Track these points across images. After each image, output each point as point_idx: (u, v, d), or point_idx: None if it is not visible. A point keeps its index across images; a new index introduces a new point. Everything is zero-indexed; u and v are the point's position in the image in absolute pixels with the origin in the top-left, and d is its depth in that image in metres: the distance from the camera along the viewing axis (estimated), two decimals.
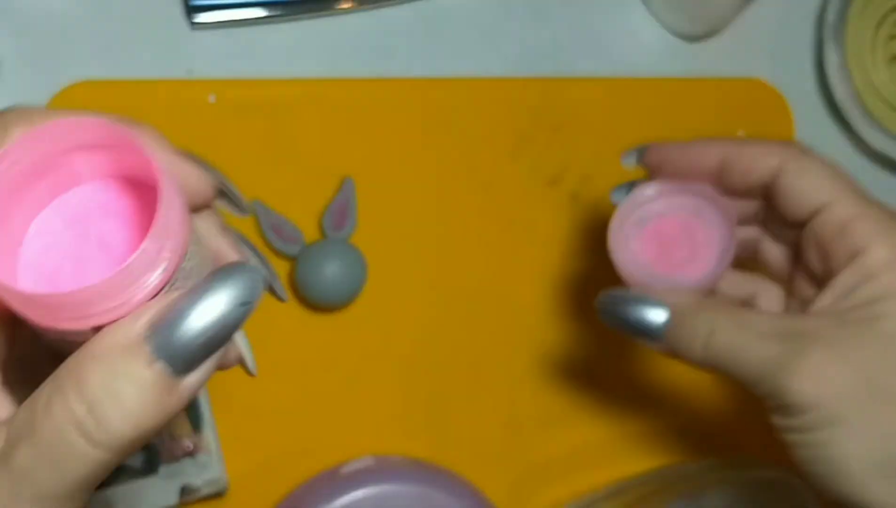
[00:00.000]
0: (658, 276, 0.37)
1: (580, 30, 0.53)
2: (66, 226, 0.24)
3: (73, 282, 0.24)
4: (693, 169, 0.37)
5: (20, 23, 0.45)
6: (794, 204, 0.34)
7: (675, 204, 0.38)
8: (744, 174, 0.35)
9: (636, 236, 0.38)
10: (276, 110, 0.47)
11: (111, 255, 0.24)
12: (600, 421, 0.50)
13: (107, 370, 0.21)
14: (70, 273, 0.24)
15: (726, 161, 0.35)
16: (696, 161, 0.36)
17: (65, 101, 0.44)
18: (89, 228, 0.25)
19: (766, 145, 0.35)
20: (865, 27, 0.55)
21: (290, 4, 0.47)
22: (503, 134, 0.50)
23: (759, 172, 0.35)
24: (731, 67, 0.56)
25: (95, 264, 0.24)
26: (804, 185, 0.34)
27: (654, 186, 0.38)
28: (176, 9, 0.47)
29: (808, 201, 0.34)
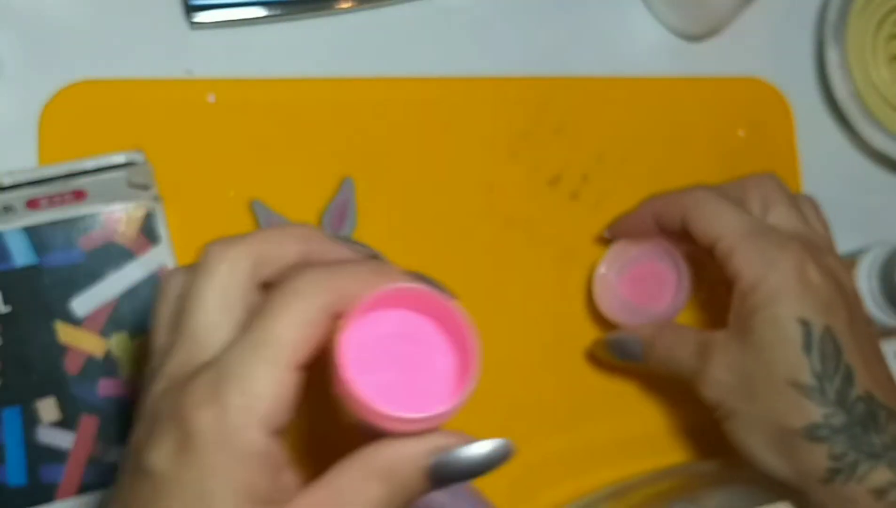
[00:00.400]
0: (636, 308, 0.48)
1: (580, 30, 0.53)
2: (379, 345, 0.29)
3: (404, 398, 0.29)
4: (640, 229, 0.47)
5: (20, 22, 0.45)
6: (698, 240, 0.43)
7: (644, 254, 0.48)
8: (668, 224, 0.45)
9: (619, 280, 0.49)
10: (276, 110, 0.47)
11: (423, 374, 0.30)
12: (600, 422, 0.50)
13: (397, 474, 0.27)
14: (398, 390, 0.29)
15: (655, 216, 0.46)
16: (639, 224, 0.47)
17: (64, 100, 0.44)
18: (399, 347, 0.30)
19: (675, 198, 0.45)
20: (866, 27, 0.55)
21: (289, 4, 0.47)
22: (503, 134, 0.50)
23: (674, 220, 0.44)
24: (732, 66, 0.56)
25: (414, 383, 0.30)
26: (697, 228, 0.42)
27: (625, 245, 0.49)
28: (175, 8, 0.46)
29: (703, 239, 0.42)
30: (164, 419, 0.26)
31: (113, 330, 0.42)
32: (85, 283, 0.42)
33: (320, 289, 0.27)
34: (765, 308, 0.40)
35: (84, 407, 0.41)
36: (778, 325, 0.40)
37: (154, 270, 0.43)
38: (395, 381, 0.30)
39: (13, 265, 0.41)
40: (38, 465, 0.41)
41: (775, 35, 0.57)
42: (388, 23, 0.50)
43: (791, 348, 0.40)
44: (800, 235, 0.43)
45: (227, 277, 0.27)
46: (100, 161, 0.41)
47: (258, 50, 0.47)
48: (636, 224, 0.47)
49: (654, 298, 0.48)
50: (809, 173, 0.56)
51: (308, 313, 0.27)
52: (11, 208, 0.41)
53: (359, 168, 0.47)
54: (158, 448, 0.26)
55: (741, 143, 0.55)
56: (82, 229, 0.42)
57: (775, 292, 0.40)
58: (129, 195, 0.42)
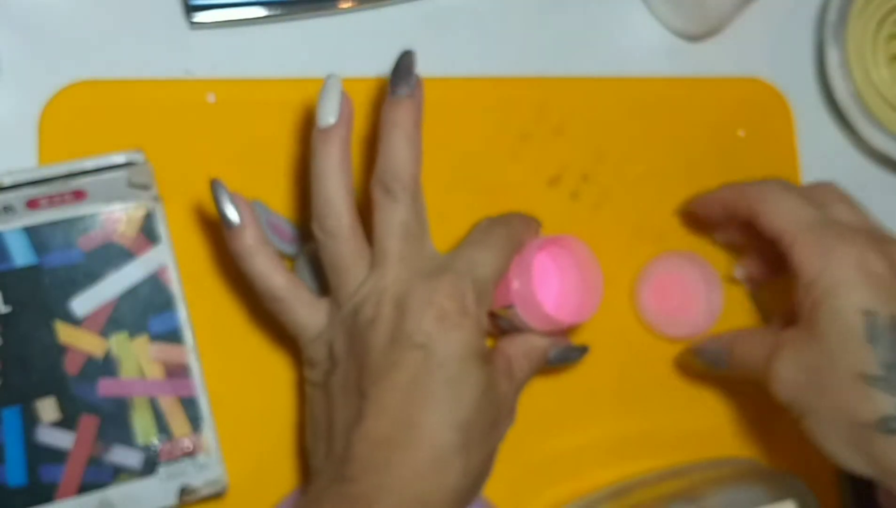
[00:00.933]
0: (659, 317, 0.50)
1: (581, 30, 0.53)
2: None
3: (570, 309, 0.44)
4: (710, 213, 0.49)
5: (19, 22, 0.45)
6: (764, 232, 0.43)
7: (671, 265, 0.51)
8: (737, 213, 0.46)
9: (644, 288, 0.51)
10: (276, 110, 0.47)
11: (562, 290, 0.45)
12: (600, 422, 0.50)
13: (536, 357, 0.42)
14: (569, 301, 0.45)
15: (724, 205, 0.47)
16: (708, 210, 0.49)
17: (64, 100, 0.44)
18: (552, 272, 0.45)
19: (744, 188, 0.45)
20: (866, 27, 0.55)
21: (289, 4, 0.47)
22: (504, 134, 0.50)
23: (742, 211, 0.45)
24: (732, 66, 0.56)
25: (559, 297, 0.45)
26: (764, 220, 0.43)
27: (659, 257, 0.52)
28: (175, 8, 0.47)
29: (768, 230, 0.43)
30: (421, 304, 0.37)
31: (113, 330, 0.42)
32: (85, 283, 0.42)
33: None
34: (826, 301, 0.39)
35: (84, 407, 0.41)
36: (840, 317, 0.39)
37: (154, 270, 0.43)
38: (554, 293, 0.45)
39: (13, 265, 0.41)
40: (37, 465, 0.40)
41: (775, 35, 0.57)
42: (388, 23, 0.50)
43: (855, 339, 0.39)
44: (862, 227, 0.42)
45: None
46: (100, 161, 0.41)
47: (258, 50, 0.47)
48: (705, 208, 0.48)
49: (682, 308, 0.51)
50: (809, 173, 0.56)
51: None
52: (11, 207, 0.41)
53: (358, 169, 0.47)
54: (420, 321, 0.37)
55: (741, 143, 0.55)
56: (82, 229, 0.42)
57: (836, 284, 0.39)
58: (129, 195, 0.42)
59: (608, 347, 0.51)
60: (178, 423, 0.42)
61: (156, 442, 0.42)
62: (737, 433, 0.52)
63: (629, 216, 0.52)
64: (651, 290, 0.51)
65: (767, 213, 0.43)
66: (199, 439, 0.42)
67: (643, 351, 0.51)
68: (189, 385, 0.42)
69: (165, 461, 0.42)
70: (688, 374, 0.51)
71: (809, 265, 0.40)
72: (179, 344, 0.43)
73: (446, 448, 0.35)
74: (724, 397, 0.52)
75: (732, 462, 0.50)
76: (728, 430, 0.52)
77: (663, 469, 0.50)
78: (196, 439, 0.42)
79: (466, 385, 0.36)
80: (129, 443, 0.41)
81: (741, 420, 0.52)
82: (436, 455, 0.35)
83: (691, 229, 0.53)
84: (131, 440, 0.41)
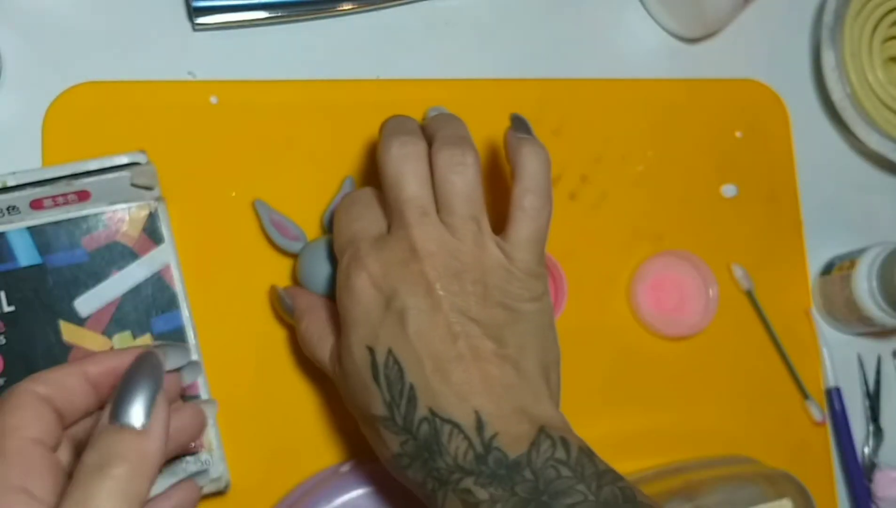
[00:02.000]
0: (656, 316, 0.51)
1: (579, 32, 0.54)
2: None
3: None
4: None
5: (24, 24, 0.45)
6: None
7: (665, 264, 0.52)
8: None
9: (640, 288, 0.51)
10: (278, 111, 0.47)
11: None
12: (598, 420, 0.50)
13: None
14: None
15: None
16: None
17: (68, 102, 0.44)
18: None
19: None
20: (862, 29, 0.55)
21: (291, 6, 0.47)
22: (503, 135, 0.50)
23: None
24: (729, 68, 0.56)
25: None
26: None
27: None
28: (178, 11, 0.47)
29: None
30: None
31: (116, 329, 0.42)
32: (88, 282, 0.42)
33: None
34: (342, 337, 0.38)
35: None
36: (352, 356, 0.37)
37: (157, 269, 0.43)
38: None
39: (17, 265, 0.42)
40: None
41: (772, 37, 0.58)
42: (388, 25, 0.50)
43: (363, 379, 0.36)
44: (352, 239, 0.39)
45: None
46: (103, 162, 0.41)
47: (260, 52, 0.48)
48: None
49: (679, 307, 0.51)
50: (806, 174, 0.56)
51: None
52: (15, 208, 0.41)
53: (359, 169, 0.48)
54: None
55: (738, 144, 0.55)
56: (86, 229, 0.42)
57: (346, 319, 0.37)
58: (133, 196, 0.43)
59: (606, 346, 0.51)
60: None
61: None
62: (734, 431, 0.53)
63: (627, 217, 0.52)
64: (648, 289, 0.51)
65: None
66: (201, 437, 0.42)
67: (640, 350, 0.51)
68: (191, 384, 0.43)
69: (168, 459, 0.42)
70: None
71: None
72: (182, 343, 0.43)
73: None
74: (721, 396, 0.53)
75: (730, 461, 0.51)
76: (725, 428, 0.52)
77: (661, 466, 0.50)
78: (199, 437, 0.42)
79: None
80: None
81: (738, 419, 0.53)
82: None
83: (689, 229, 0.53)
84: None
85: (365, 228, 0.39)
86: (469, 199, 0.37)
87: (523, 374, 0.36)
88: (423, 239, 0.36)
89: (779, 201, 0.56)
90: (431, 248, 0.36)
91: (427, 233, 0.36)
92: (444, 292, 0.36)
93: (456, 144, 0.38)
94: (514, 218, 0.38)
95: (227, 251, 0.45)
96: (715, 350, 0.53)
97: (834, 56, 0.55)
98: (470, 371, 0.35)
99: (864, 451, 0.55)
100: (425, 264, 0.36)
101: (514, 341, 0.36)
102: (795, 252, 0.56)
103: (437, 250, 0.36)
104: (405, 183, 0.37)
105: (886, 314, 0.52)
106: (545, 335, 0.38)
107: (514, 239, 0.38)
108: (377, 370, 0.36)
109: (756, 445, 0.53)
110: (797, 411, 0.54)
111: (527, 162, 0.39)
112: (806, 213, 0.56)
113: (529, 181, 0.38)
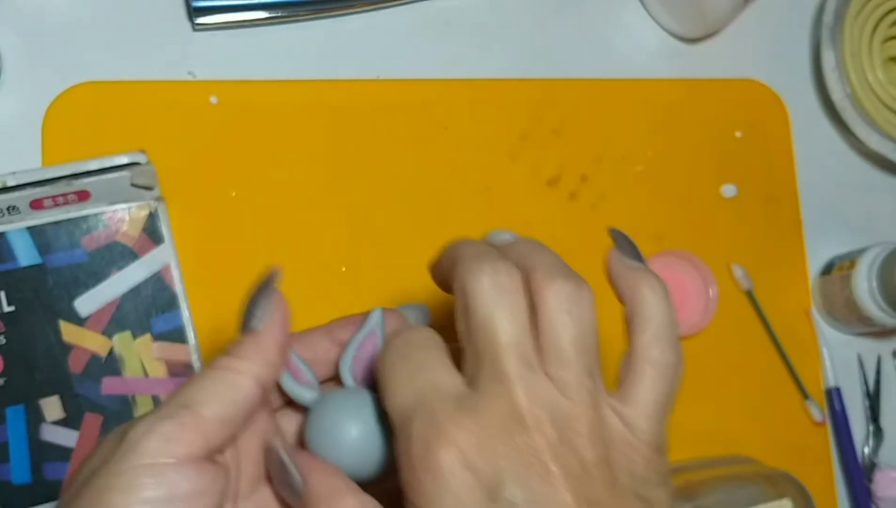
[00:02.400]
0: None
1: (579, 32, 0.54)
2: None
3: None
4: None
5: (24, 25, 0.45)
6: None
7: (667, 264, 0.52)
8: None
9: None
10: (278, 111, 0.47)
11: None
12: None
13: None
14: None
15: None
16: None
17: (68, 102, 0.44)
18: None
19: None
20: (862, 29, 0.55)
21: (290, 7, 0.47)
22: (503, 135, 0.51)
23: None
24: (729, 68, 0.56)
25: None
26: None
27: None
28: (179, 11, 0.47)
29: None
30: None
31: (116, 329, 0.42)
32: (88, 282, 0.42)
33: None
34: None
35: (88, 405, 0.42)
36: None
37: (157, 269, 0.43)
38: None
39: (17, 265, 0.42)
40: (42, 463, 0.41)
41: (772, 38, 0.58)
42: (389, 26, 0.50)
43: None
44: (420, 399, 0.29)
45: None
46: (103, 162, 0.41)
47: (260, 52, 0.48)
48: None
49: (679, 308, 0.48)
50: (805, 174, 0.57)
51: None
52: (16, 208, 0.41)
53: (360, 169, 0.48)
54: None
55: (738, 144, 0.55)
56: (86, 229, 0.43)
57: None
58: (133, 196, 0.43)
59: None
60: None
61: None
62: (734, 431, 0.53)
63: (627, 216, 0.52)
64: None
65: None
66: None
67: None
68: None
69: None
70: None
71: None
72: (182, 343, 0.43)
73: None
74: (721, 396, 0.53)
75: (730, 460, 0.51)
76: (725, 428, 0.52)
77: None
78: None
79: None
80: None
81: (738, 419, 0.53)
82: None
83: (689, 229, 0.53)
84: None
85: (435, 383, 0.29)
86: (585, 348, 0.30)
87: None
88: (530, 401, 0.28)
89: (779, 200, 0.56)
90: (540, 414, 0.28)
91: (534, 392, 0.28)
92: (564, 477, 0.27)
93: (567, 277, 0.31)
94: (637, 374, 0.31)
95: (227, 251, 0.45)
96: (715, 350, 0.53)
97: (834, 56, 0.55)
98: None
99: (864, 451, 0.55)
100: (534, 436, 0.27)
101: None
102: (795, 252, 0.56)
103: (547, 417, 0.28)
104: (502, 324, 0.29)
105: (886, 314, 0.52)
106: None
107: (637, 402, 0.30)
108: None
109: (756, 445, 0.53)
110: (797, 411, 0.54)
111: (650, 303, 0.32)
112: (806, 213, 0.56)
113: (658, 329, 0.31)
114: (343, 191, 0.48)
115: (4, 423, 0.41)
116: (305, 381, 0.32)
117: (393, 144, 0.49)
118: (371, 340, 0.33)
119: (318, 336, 0.33)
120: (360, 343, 0.33)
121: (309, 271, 0.46)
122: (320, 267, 0.47)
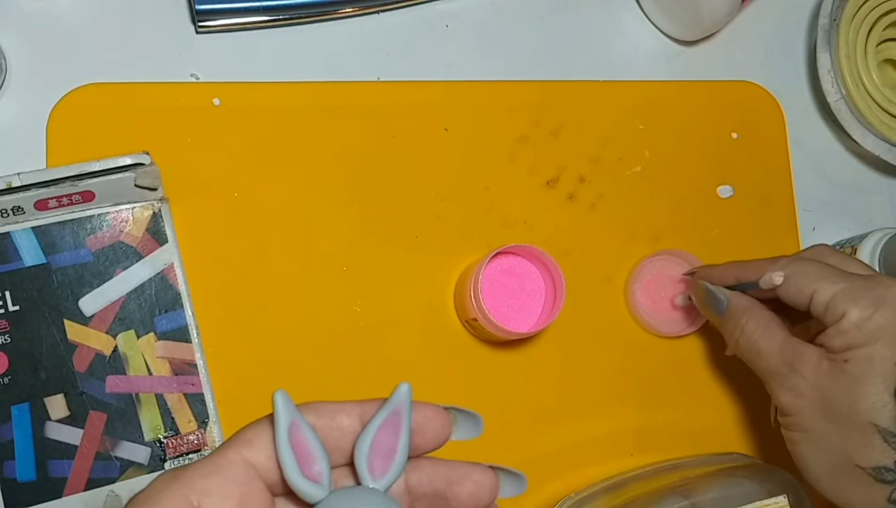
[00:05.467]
0: (652, 315, 0.52)
1: (577, 34, 0.54)
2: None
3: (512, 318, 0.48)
4: (724, 281, 0.48)
5: (28, 27, 0.45)
6: (792, 301, 0.44)
7: (661, 261, 0.52)
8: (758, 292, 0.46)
9: (637, 287, 0.52)
10: (280, 113, 0.48)
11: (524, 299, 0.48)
12: (599, 418, 0.51)
13: None
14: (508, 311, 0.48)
15: (739, 279, 0.47)
16: (719, 281, 0.48)
17: (72, 104, 0.45)
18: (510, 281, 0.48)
19: (757, 265, 0.46)
20: (857, 32, 0.56)
21: (293, 9, 0.48)
22: (502, 136, 0.51)
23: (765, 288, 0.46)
24: (726, 70, 0.57)
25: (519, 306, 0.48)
26: (790, 289, 0.44)
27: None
28: (182, 14, 0.47)
29: (798, 297, 0.43)
30: None
31: (120, 328, 0.43)
32: (93, 282, 0.43)
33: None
34: (865, 346, 0.41)
35: (92, 404, 0.42)
36: (873, 364, 0.40)
37: (161, 269, 0.43)
38: (506, 305, 0.47)
39: (22, 265, 0.42)
40: (46, 461, 0.41)
41: (768, 40, 0.58)
42: (389, 28, 0.50)
43: (881, 389, 0.40)
44: (866, 273, 0.44)
45: None
46: (107, 163, 0.42)
47: (263, 55, 0.48)
48: (719, 278, 0.48)
49: (675, 306, 0.52)
50: (801, 175, 0.57)
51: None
52: (21, 208, 0.41)
53: (360, 169, 0.48)
54: None
55: (735, 145, 0.56)
56: (90, 229, 0.43)
57: (878, 332, 0.41)
58: (137, 196, 0.43)
59: (603, 345, 0.51)
60: (184, 419, 0.43)
61: (163, 438, 0.42)
62: (730, 428, 0.53)
63: (625, 217, 0.53)
64: (644, 288, 0.52)
65: (792, 282, 0.44)
66: (205, 434, 0.43)
67: (638, 349, 0.52)
68: (195, 382, 0.43)
69: (172, 456, 0.42)
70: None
71: (856, 310, 0.41)
72: (186, 342, 0.43)
73: None
74: (718, 393, 0.53)
75: (726, 458, 0.51)
76: (722, 426, 0.53)
77: (658, 464, 0.50)
78: (202, 434, 0.43)
79: None
80: (136, 439, 0.42)
81: (735, 416, 0.53)
82: None
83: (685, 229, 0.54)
84: (139, 435, 0.42)
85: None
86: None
87: None
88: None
89: (774, 201, 0.56)
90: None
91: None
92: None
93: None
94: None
95: (230, 251, 0.46)
96: (711, 349, 0.53)
97: (829, 58, 0.55)
98: None
99: None
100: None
101: None
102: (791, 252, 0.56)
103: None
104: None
105: None
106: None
107: None
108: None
109: (752, 442, 0.53)
110: None
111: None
112: (801, 213, 0.57)
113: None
114: (344, 191, 0.48)
115: (10, 421, 0.41)
116: (315, 473, 0.26)
117: (393, 145, 0.49)
118: (393, 422, 0.27)
119: (345, 410, 0.27)
120: (381, 425, 0.27)
121: (309, 271, 0.47)
122: (321, 267, 0.47)
